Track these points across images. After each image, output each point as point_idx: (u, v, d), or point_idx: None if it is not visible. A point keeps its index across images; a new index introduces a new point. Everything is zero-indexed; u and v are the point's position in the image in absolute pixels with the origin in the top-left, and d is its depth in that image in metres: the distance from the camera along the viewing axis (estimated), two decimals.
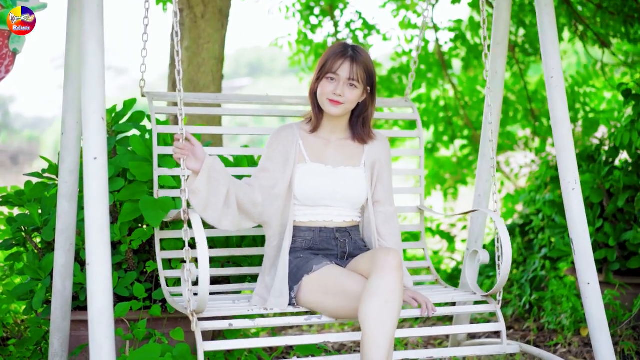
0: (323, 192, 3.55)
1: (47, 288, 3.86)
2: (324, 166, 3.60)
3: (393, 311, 3.09)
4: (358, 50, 3.56)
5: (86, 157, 3.00)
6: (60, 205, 3.63)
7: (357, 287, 3.25)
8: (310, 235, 3.57)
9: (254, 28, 53.38)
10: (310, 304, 3.41)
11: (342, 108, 3.53)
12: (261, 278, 3.58)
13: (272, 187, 3.52)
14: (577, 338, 4.78)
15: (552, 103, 3.66)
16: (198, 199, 3.28)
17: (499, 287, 3.60)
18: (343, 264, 3.55)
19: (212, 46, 5.31)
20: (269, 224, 3.55)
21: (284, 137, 3.61)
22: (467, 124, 7.80)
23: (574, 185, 3.60)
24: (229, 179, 3.36)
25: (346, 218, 3.62)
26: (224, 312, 3.34)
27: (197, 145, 3.27)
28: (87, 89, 3.02)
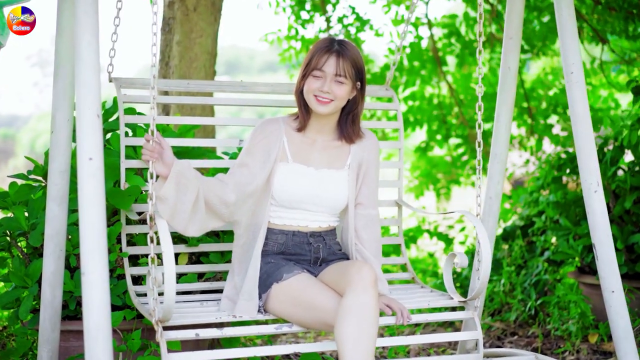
0: (302, 195, 3.41)
1: (35, 296, 3.65)
2: (306, 167, 3.44)
3: (370, 330, 3.00)
4: (345, 44, 3.39)
5: (80, 157, 2.78)
6: (49, 209, 3.41)
7: (329, 303, 3.16)
8: (283, 239, 3.44)
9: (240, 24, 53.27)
10: (278, 313, 3.30)
11: (331, 106, 3.36)
12: (230, 277, 3.45)
13: (248, 184, 3.35)
14: (585, 345, 4.64)
15: (572, 100, 3.49)
16: (165, 206, 3.17)
17: (477, 293, 3.45)
18: (316, 270, 3.43)
19: (204, 40, 5.10)
20: (239, 223, 3.41)
21: (269, 132, 3.44)
22: (463, 122, 7.63)
23: (596, 187, 3.43)
24: (198, 182, 3.22)
25: (322, 224, 3.49)
26: (191, 319, 3.21)
27: (167, 149, 3.16)
28: (81, 83, 2.81)
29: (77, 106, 2.81)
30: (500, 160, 4.01)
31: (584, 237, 5.04)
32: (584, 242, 4.99)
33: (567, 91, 3.54)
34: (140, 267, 3.61)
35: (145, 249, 3.66)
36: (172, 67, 5.07)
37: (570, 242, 5.07)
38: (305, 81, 3.38)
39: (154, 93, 3.00)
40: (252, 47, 39.50)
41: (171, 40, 5.10)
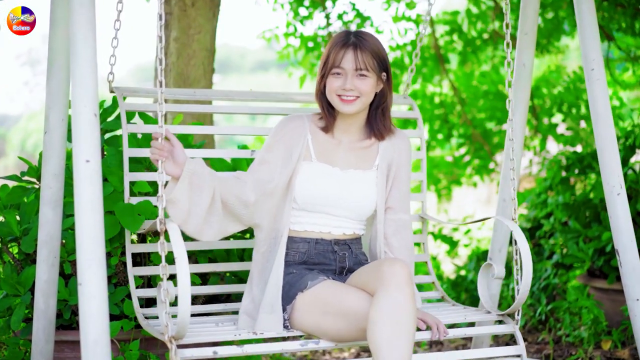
0: (326, 197, 3.15)
1: (27, 305, 3.47)
2: (331, 167, 3.20)
3: (407, 333, 2.74)
4: (362, 35, 3.14)
5: (77, 160, 2.62)
6: (42, 214, 3.24)
7: (361, 305, 2.88)
8: (305, 248, 3.18)
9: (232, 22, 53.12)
10: (305, 327, 3.02)
11: (358, 103, 3.13)
12: (248, 290, 3.18)
13: (268, 182, 3.11)
14: (598, 352, 4.50)
15: (593, 98, 3.35)
16: (177, 210, 2.90)
17: (517, 305, 3.22)
18: (342, 280, 3.17)
19: (202, 37, 4.92)
20: (260, 226, 3.15)
21: (292, 129, 3.19)
22: (465, 122, 7.48)
23: (619, 189, 3.28)
24: (213, 181, 2.96)
25: (346, 230, 3.23)
26: (207, 338, 2.95)
27: (178, 146, 2.90)
28: (77, 81, 2.64)
29: (72, 105, 2.65)
30: (515, 162, 3.83)
31: (595, 240, 4.90)
32: (595, 245, 4.85)
33: (587, 89, 3.39)
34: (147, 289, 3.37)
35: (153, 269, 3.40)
36: (169, 65, 4.89)
37: (580, 245, 4.93)
38: (326, 81, 3.15)
39: (161, 89, 2.76)
40: (243, 46, 39.40)
41: (168, 37, 4.93)
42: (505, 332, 3.28)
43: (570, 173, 5.34)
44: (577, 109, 7.15)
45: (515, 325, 3.26)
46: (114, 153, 3.51)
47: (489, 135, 7.58)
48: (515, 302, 3.22)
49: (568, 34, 7.41)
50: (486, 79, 7.63)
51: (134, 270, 3.34)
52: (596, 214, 5.06)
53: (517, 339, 3.24)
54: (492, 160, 7.66)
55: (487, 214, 9.52)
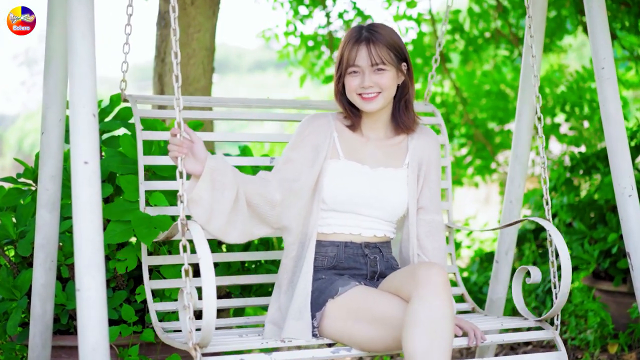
0: (356, 196, 3.02)
1: (24, 309, 3.41)
2: (360, 165, 3.07)
3: (445, 342, 2.60)
4: (374, 28, 3.02)
5: (75, 161, 2.54)
6: (39, 217, 3.16)
7: (396, 312, 2.74)
8: (334, 252, 3.04)
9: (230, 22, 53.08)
10: (336, 335, 2.88)
11: (380, 100, 3.01)
12: (275, 298, 3.04)
13: (294, 180, 2.97)
14: (604, 355, 4.43)
15: (603, 98, 3.27)
16: (200, 209, 2.74)
17: (556, 310, 3.10)
18: (373, 285, 3.03)
19: (202, 35, 4.85)
20: (289, 229, 3.01)
21: (318, 127, 3.07)
22: (467, 122, 7.41)
23: (630, 191, 3.20)
24: (237, 178, 2.81)
25: (377, 232, 3.09)
26: (233, 346, 2.81)
27: (198, 142, 2.73)
28: (75, 80, 2.56)
29: (70, 104, 2.57)
30: (522, 162, 3.80)
31: (600, 242, 4.83)
32: (600, 246, 4.78)
33: (597, 88, 3.31)
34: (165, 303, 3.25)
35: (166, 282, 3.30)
36: (167, 64, 4.81)
37: (585, 247, 4.86)
38: (345, 81, 3.04)
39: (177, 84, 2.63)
40: (241, 45, 39.36)
41: (167, 36, 4.85)
42: (545, 338, 3.15)
43: (575, 174, 5.28)
44: (580, 109, 7.08)
45: (555, 330, 3.14)
46: (113, 154, 3.43)
47: (491, 135, 7.51)
48: (553, 307, 3.09)
49: (570, 32, 7.36)
50: (488, 78, 7.57)
51: (151, 283, 3.23)
52: (601, 215, 5.00)
53: (558, 344, 3.10)
54: (494, 160, 7.59)
55: (488, 214, 9.45)
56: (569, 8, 6.75)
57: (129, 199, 3.26)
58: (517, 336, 3.16)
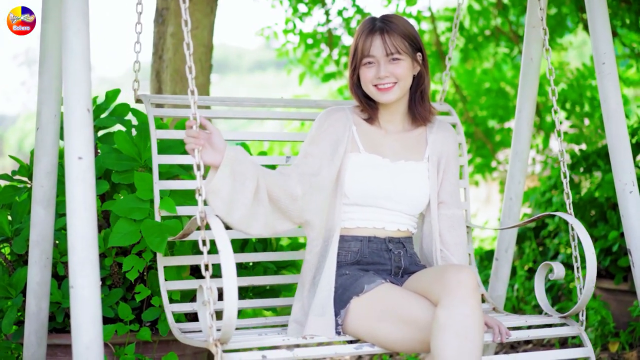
0: (378, 189, 2.97)
1: (19, 307, 3.37)
2: (381, 158, 3.02)
3: (475, 347, 2.54)
4: (388, 18, 2.99)
5: (69, 157, 2.52)
6: (34, 213, 3.13)
7: (423, 314, 2.69)
8: (357, 246, 2.99)
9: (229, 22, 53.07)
10: (360, 333, 2.81)
11: (396, 90, 2.97)
12: (298, 296, 2.98)
13: (314, 175, 2.92)
14: (605, 354, 4.40)
15: (604, 94, 3.23)
16: (219, 200, 2.65)
17: (581, 306, 3.05)
18: (398, 282, 2.97)
19: (200, 32, 4.82)
20: (311, 224, 2.95)
21: (335, 120, 3.02)
22: (467, 120, 7.38)
23: (631, 187, 3.17)
24: (257, 170, 2.74)
25: (401, 226, 3.04)
26: (254, 342, 2.76)
27: (215, 133, 2.65)
28: (69, 75, 2.54)
29: (64, 100, 2.55)
30: (522, 159, 3.76)
31: (601, 240, 4.80)
32: (601, 244, 4.75)
33: (598, 84, 3.28)
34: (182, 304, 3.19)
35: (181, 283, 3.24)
36: (165, 61, 4.78)
37: None
38: (360, 72, 3.00)
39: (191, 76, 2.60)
40: (241, 46, 39.38)
41: (165, 32, 4.82)
42: (570, 334, 3.10)
43: (576, 171, 5.25)
44: (581, 107, 7.05)
45: (581, 327, 3.10)
46: (108, 151, 3.40)
47: (490, 133, 7.49)
48: (578, 303, 3.05)
49: (571, 30, 7.33)
50: (488, 76, 7.54)
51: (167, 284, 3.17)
52: (602, 212, 4.96)
53: (584, 340, 3.05)
54: (495, 158, 7.56)
55: (488, 213, 9.42)
56: (569, 5, 6.72)
57: (141, 197, 3.21)
58: (543, 332, 3.10)
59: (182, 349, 3.38)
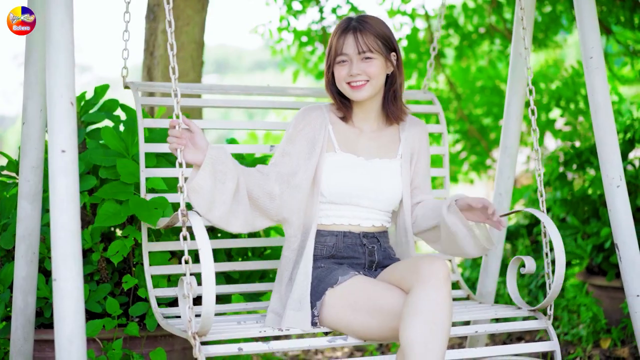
0: (354, 188, 3.03)
1: (7, 303, 3.37)
2: (355, 157, 3.07)
3: (443, 333, 2.61)
4: (363, 18, 3.04)
5: (52, 150, 2.51)
6: (20, 208, 3.13)
7: (395, 303, 2.75)
8: (333, 241, 3.04)
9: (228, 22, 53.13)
10: (335, 324, 2.88)
11: (368, 88, 3.01)
12: (277, 288, 3.04)
13: (292, 175, 2.99)
14: (597, 350, 4.38)
15: (592, 88, 3.22)
16: (200, 198, 2.73)
17: (550, 300, 3.09)
18: (372, 275, 3.03)
19: (191, 29, 4.81)
20: (289, 221, 3.01)
21: (312, 119, 3.07)
22: (462, 117, 7.36)
23: (618, 182, 3.16)
24: (237, 169, 2.82)
25: (375, 222, 3.10)
26: (231, 334, 2.81)
27: (197, 133, 2.73)
28: (52, 68, 2.53)
29: (48, 93, 2.55)
30: (511, 154, 3.76)
31: (593, 237, 4.80)
32: (593, 241, 4.74)
33: (586, 78, 3.26)
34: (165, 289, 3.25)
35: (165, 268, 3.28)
36: (156, 57, 4.77)
37: (579, 242, 4.82)
38: (334, 70, 3.05)
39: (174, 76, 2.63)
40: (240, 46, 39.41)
41: (156, 29, 4.81)
42: (538, 327, 3.16)
43: (569, 168, 5.23)
44: (576, 104, 7.03)
45: (548, 320, 3.15)
46: (96, 146, 3.40)
47: (485, 131, 7.47)
48: (547, 297, 3.10)
49: (566, 28, 7.32)
50: (483, 74, 7.53)
51: (151, 269, 3.23)
52: (595, 209, 4.96)
53: (550, 334, 3.11)
54: (489, 156, 7.54)
55: None
56: (563, 3, 6.70)
57: (126, 181, 3.26)
58: (509, 326, 3.16)
59: (170, 344, 3.37)
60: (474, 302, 3.52)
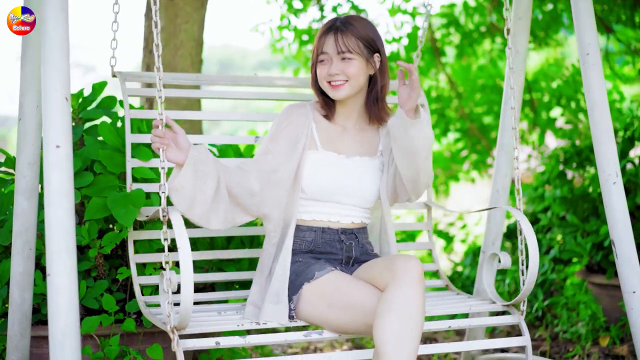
0: (334, 186, 3.09)
1: (4, 299, 3.36)
2: (337, 155, 3.13)
3: (415, 331, 2.68)
4: (348, 19, 3.09)
5: (47, 145, 2.53)
6: (17, 204, 3.12)
7: (368, 300, 2.82)
8: (311, 236, 3.11)
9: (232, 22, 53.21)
10: (311, 318, 2.96)
11: (347, 88, 3.07)
12: (257, 280, 3.11)
13: (273, 172, 3.04)
14: (596, 348, 4.38)
15: (588, 84, 3.22)
16: (181, 197, 2.80)
17: (523, 296, 3.15)
18: (348, 270, 3.12)
19: (190, 27, 4.80)
20: (269, 217, 3.08)
21: (296, 118, 3.13)
22: (462, 116, 7.36)
23: (615, 178, 3.16)
24: (218, 168, 2.88)
25: (355, 219, 3.17)
26: (209, 328, 2.87)
27: (180, 133, 2.80)
28: (47, 63, 2.55)
29: (43, 88, 2.56)
30: (508, 151, 3.76)
31: (593, 235, 4.79)
32: (593, 239, 4.74)
33: (582, 75, 3.26)
34: (149, 277, 3.29)
35: (151, 256, 3.33)
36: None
37: (578, 240, 4.82)
38: (316, 69, 3.11)
39: (159, 74, 2.71)
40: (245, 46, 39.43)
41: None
42: (511, 322, 3.21)
43: (568, 166, 5.23)
44: (576, 103, 7.02)
45: (521, 316, 3.19)
46: (93, 142, 3.40)
47: (486, 129, 7.47)
48: (521, 293, 3.15)
49: (567, 27, 7.30)
50: (483, 72, 7.52)
51: (135, 257, 3.30)
52: (594, 207, 4.96)
53: (522, 329, 3.17)
54: (490, 155, 7.53)
55: None
56: (564, 2, 6.69)
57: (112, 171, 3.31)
58: (482, 321, 3.25)
59: (167, 340, 3.38)
60: (452, 292, 3.58)
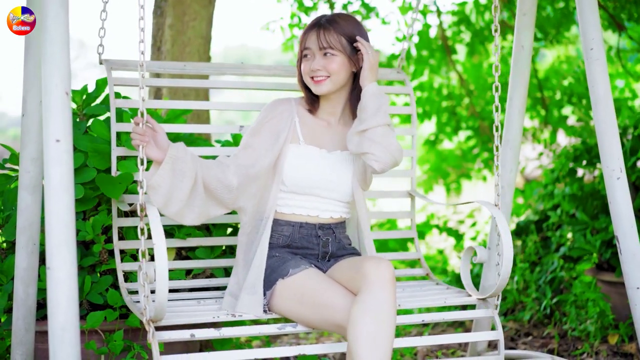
0: (314, 179, 3.14)
1: (10, 294, 3.38)
2: (318, 149, 3.18)
3: (389, 332, 2.75)
4: (333, 17, 3.14)
5: (47, 139, 2.54)
6: (21, 199, 3.14)
7: (340, 301, 2.90)
8: (289, 231, 3.16)
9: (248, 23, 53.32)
10: (283, 312, 3.03)
11: (328, 83, 3.11)
12: (234, 272, 3.17)
13: (251, 166, 3.08)
14: (604, 346, 4.35)
15: (592, 80, 3.21)
16: (158, 195, 2.87)
17: (497, 290, 3.18)
18: (324, 266, 3.18)
19: (198, 24, 4.82)
20: (245, 210, 3.14)
21: (279, 113, 3.17)
22: (473, 114, 7.33)
23: (619, 174, 3.14)
24: (196, 166, 2.94)
25: (333, 214, 3.22)
26: (185, 319, 2.93)
27: (160, 132, 2.88)
28: (47, 58, 2.56)
29: (43, 83, 2.56)
30: (513, 147, 3.73)
31: (602, 232, 4.76)
32: (602, 237, 4.71)
33: (586, 70, 3.25)
34: (132, 263, 3.34)
35: (136, 243, 3.37)
36: (164, 52, 4.79)
37: (588, 237, 4.79)
38: (300, 64, 3.16)
39: (143, 71, 2.73)
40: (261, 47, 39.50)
41: (163, 24, 4.83)
42: (484, 316, 3.25)
43: (578, 164, 5.20)
44: (587, 100, 6.98)
45: (495, 310, 3.22)
46: (92, 139, 3.43)
47: None
48: (494, 288, 3.18)
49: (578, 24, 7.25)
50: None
51: (120, 244, 3.35)
52: (604, 205, 4.93)
53: (496, 324, 3.21)
54: None
55: None
56: None
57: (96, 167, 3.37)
58: (456, 315, 3.26)
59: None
60: (432, 282, 3.63)
